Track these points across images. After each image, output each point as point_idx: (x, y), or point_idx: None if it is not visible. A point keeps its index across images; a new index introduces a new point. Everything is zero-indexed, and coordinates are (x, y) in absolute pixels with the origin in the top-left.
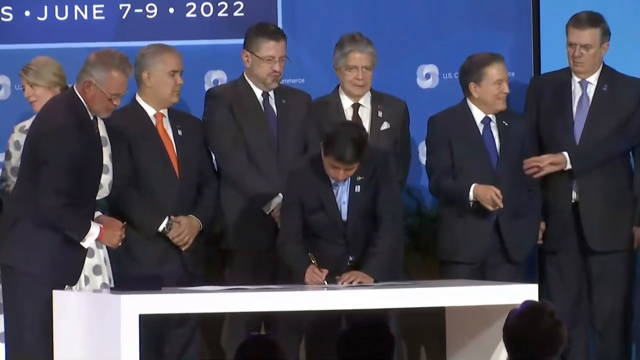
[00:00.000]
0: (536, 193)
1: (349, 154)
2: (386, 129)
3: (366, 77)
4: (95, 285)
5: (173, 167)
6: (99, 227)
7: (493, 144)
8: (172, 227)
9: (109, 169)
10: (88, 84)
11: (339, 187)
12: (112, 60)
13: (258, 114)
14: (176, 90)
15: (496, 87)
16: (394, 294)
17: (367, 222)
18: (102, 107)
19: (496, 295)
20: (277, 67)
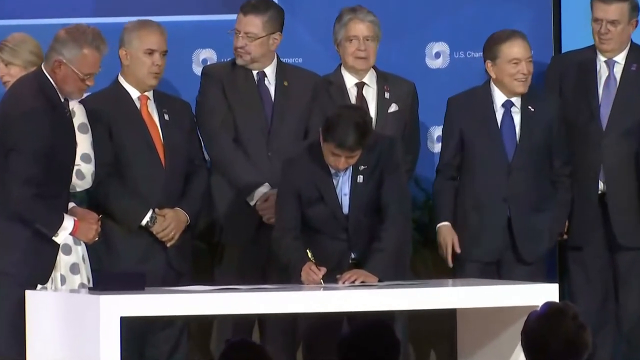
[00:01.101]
0: (563, 184)
1: (350, 139)
2: (395, 112)
3: (369, 49)
4: (73, 286)
5: (158, 155)
6: (73, 220)
7: (512, 132)
8: (157, 220)
9: (91, 158)
10: (58, 63)
11: (339, 178)
12: (83, 36)
13: (251, 96)
14: (153, 71)
15: (512, 67)
16: (400, 294)
17: (371, 216)
18: (73, 88)
19: (512, 296)
20: (238, 42)
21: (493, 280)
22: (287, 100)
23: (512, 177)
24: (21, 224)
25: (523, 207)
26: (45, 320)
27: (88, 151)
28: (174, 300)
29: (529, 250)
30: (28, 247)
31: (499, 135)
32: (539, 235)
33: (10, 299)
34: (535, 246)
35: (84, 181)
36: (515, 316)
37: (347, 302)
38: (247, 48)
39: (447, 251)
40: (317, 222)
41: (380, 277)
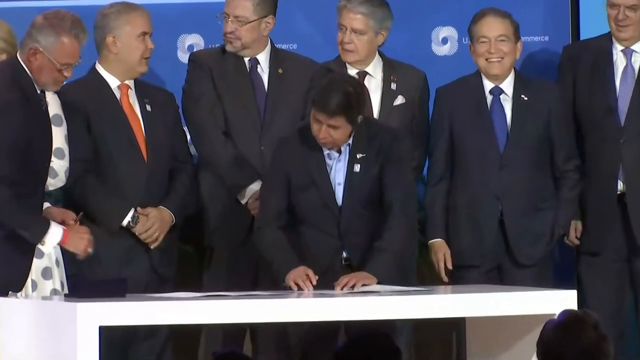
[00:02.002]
0: (567, 181)
1: (332, 103)
2: (400, 104)
3: (356, 42)
4: (45, 292)
5: (140, 149)
6: (62, 229)
7: (503, 122)
8: (139, 220)
9: (64, 153)
10: (34, 51)
11: (333, 164)
12: (62, 23)
13: (242, 85)
14: (146, 56)
15: (481, 46)
16: (405, 302)
17: (368, 211)
18: (50, 79)
19: (527, 304)
20: (227, 28)
21: (505, 286)
22: (281, 89)
23: (505, 172)
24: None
25: (517, 206)
26: (16, 329)
27: (61, 146)
28: (158, 308)
29: (525, 253)
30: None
31: (490, 122)
32: (535, 236)
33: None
34: (532, 248)
35: (56, 179)
36: (529, 325)
37: (347, 310)
38: (237, 33)
39: (439, 267)
40: (306, 213)
41: (380, 280)
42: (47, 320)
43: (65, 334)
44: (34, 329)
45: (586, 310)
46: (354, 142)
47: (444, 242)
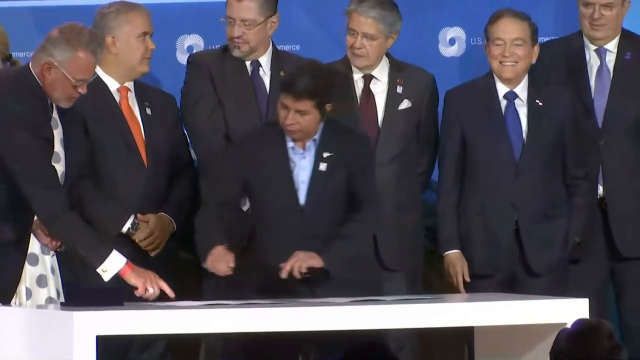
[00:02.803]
0: (578, 188)
1: (299, 83)
2: (406, 109)
3: (367, 47)
4: (39, 300)
5: (140, 154)
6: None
7: (518, 127)
8: (139, 227)
9: (60, 157)
10: (48, 65)
11: (298, 161)
12: (79, 37)
13: (244, 87)
14: (147, 57)
15: (496, 49)
16: (412, 310)
17: (332, 214)
18: (63, 95)
19: (538, 313)
20: (235, 32)
21: (515, 295)
22: None
23: (520, 179)
24: None
25: (533, 213)
26: (9, 339)
27: (57, 150)
28: (157, 317)
29: (539, 261)
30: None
31: (505, 129)
32: (549, 244)
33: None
34: (546, 256)
35: None
36: (540, 335)
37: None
38: (245, 37)
39: (458, 280)
40: (266, 212)
41: (329, 266)
42: (42, 329)
43: (61, 344)
44: (28, 338)
45: (600, 320)
46: (321, 140)
47: (461, 254)
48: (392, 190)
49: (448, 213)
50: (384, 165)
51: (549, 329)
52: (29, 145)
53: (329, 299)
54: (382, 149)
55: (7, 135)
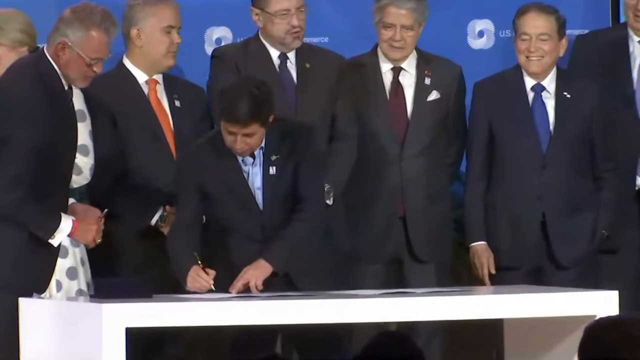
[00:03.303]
0: (606, 181)
1: (241, 110)
2: (435, 100)
3: (406, 39)
4: (70, 292)
5: (168, 146)
6: (71, 220)
7: (545, 119)
8: (168, 219)
9: (88, 150)
10: (62, 45)
11: (249, 169)
12: (91, 16)
13: (272, 79)
14: (172, 50)
15: (522, 43)
16: (442, 303)
17: (289, 212)
18: (78, 75)
19: (566, 305)
20: (296, 22)
21: (544, 287)
22: (310, 85)
23: (547, 172)
24: (13, 227)
25: (559, 206)
26: (40, 330)
27: (86, 142)
28: (186, 309)
29: (566, 254)
30: (21, 252)
31: (532, 121)
32: (576, 237)
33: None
34: (573, 249)
35: (81, 176)
36: (569, 327)
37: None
38: (303, 24)
39: (483, 272)
40: (229, 221)
41: (276, 268)
42: (72, 321)
43: (90, 336)
44: (58, 330)
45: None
46: (267, 145)
47: (487, 246)
48: (422, 182)
49: (474, 205)
50: (413, 157)
51: (579, 321)
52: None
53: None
54: (411, 141)
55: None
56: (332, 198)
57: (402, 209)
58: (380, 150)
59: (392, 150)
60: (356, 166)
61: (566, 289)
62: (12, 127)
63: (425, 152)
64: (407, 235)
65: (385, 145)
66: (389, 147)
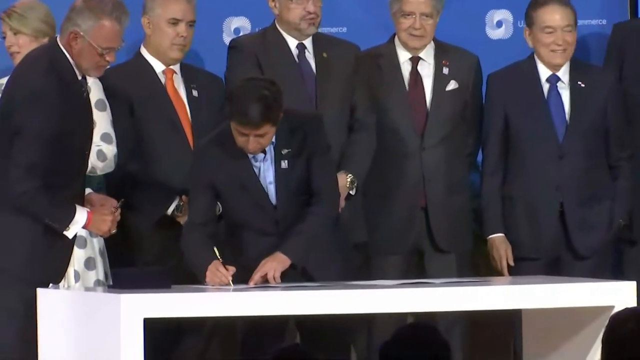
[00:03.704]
0: (622, 170)
1: (253, 113)
2: (453, 89)
3: (426, 27)
4: (88, 283)
5: (185, 136)
6: (86, 212)
7: (561, 110)
8: (184, 209)
9: (112, 138)
10: (74, 35)
11: (260, 164)
12: (102, 6)
13: (292, 70)
14: (177, 43)
15: (547, 36)
16: (460, 293)
17: (302, 205)
18: (91, 64)
19: (585, 296)
20: (311, 7)
21: (562, 277)
22: (329, 74)
23: (564, 162)
24: (30, 218)
25: (577, 196)
26: (58, 320)
27: (108, 130)
28: (205, 300)
29: (585, 244)
30: (37, 243)
31: (547, 111)
32: (594, 227)
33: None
34: (591, 239)
35: (105, 163)
36: (587, 317)
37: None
38: (319, 11)
39: (502, 264)
40: (242, 216)
41: (295, 261)
42: (90, 312)
43: (108, 326)
44: (77, 320)
45: None
46: (277, 139)
47: (505, 238)
48: (442, 172)
49: (492, 196)
50: (433, 148)
51: (597, 311)
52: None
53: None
54: (431, 131)
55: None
56: (355, 188)
57: (424, 200)
58: (400, 141)
59: (412, 141)
60: (376, 157)
61: (584, 280)
62: (25, 117)
63: (444, 142)
64: (429, 225)
65: (405, 136)
66: (409, 137)
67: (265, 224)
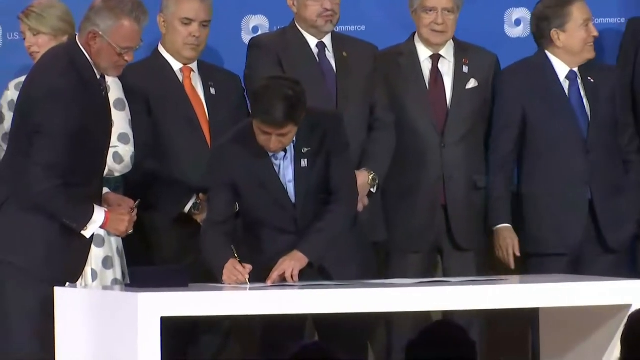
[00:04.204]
0: (634, 163)
1: (277, 112)
2: (473, 88)
3: (447, 22)
4: (105, 282)
5: (203, 134)
6: (104, 212)
7: (582, 106)
8: (201, 207)
9: (129, 138)
10: (93, 35)
11: (280, 163)
12: (121, 5)
13: (312, 68)
14: (189, 42)
15: (584, 31)
16: (477, 292)
17: (321, 204)
18: (110, 64)
19: (602, 294)
20: (328, 4)
21: (580, 276)
22: (349, 73)
23: (591, 157)
24: (47, 217)
25: (605, 189)
26: (75, 319)
27: (126, 130)
28: (222, 299)
29: (615, 237)
30: (55, 242)
31: (571, 108)
32: (621, 220)
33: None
34: (620, 232)
35: (122, 164)
36: (605, 316)
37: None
38: (336, 8)
39: (508, 253)
40: (261, 214)
41: (311, 260)
42: (107, 310)
43: (126, 325)
44: (94, 319)
45: None
46: (297, 138)
47: (511, 228)
48: (462, 169)
49: (500, 187)
50: (453, 145)
51: (614, 310)
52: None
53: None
54: (451, 129)
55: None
56: (376, 186)
57: (444, 197)
58: (421, 139)
59: (433, 139)
60: (396, 155)
61: (601, 278)
62: (44, 116)
63: (464, 140)
64: (448, 223)
65: (426, 134)
66: (429, 135)
67: (284, 222)
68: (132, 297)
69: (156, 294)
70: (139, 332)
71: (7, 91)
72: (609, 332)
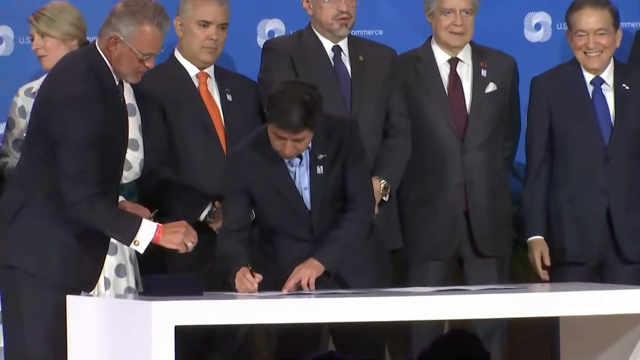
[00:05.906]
0: None
1: (293, 117)
2: (492, 92)
3: (466, 23)
4: (119, 290)
5: (219, 140)
6: (155, 225)
7: (606, 112)
8: (217, 215)
9: (138, 144)
10: (114, 40)
11: (296, 169)
12: (144, 10)
13: (327, 72)
14: (207, 46)
15: (580, 40)
16: (497, 300)
17: (337, 211)
18: (130, 70)
19: (623, 302)
20: (344, 7)
21: (600, 284)
22: (365, 78)
23: (610, 165)
24: (63, 222)
25: (624, 199)
26: (88, 328)
27: (135, 137)
28: (237, 307)
29: (632, 248)
30: (70, 250)
31: (593, 114)
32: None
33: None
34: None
35: (130, 171)
36: (626, 325)
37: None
38: (352, 12)
39: (538, 266)
40: (277, 221)
41: (328, 268)
42: (120, 319)
43: (139, 334)
44: (107, 328)
45: None
46: (313, 144)
47: (543, 240)
48: (483, 175)
49: (535, 199)
50: (474, 151)
51: (636, 319)
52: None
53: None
54: (471, 134)
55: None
56: (388, 194)
57: (465, 204)
58: (441, 145)
59: (453, 144)
60: (416, 161)
61: (621, 287)
62: (65, 125)
63: (485, 145)
64: (470, 229)
65: (446, 139)
66: (449, 141)
67: (300, 230)
68: (146, 305)
69: (170, 302)
70: (153, 341)
71: (17, 97)
72: (630, 341)
